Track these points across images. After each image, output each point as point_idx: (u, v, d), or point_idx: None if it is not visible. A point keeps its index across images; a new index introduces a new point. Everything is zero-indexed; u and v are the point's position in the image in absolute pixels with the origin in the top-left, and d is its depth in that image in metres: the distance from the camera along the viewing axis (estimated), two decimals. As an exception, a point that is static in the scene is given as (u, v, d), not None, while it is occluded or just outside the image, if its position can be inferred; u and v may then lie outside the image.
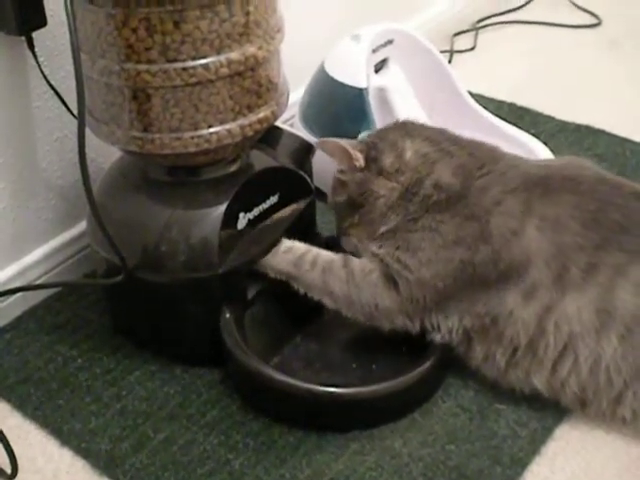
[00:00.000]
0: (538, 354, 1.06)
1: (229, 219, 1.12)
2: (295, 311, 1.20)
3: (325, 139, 1.22)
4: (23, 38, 1.16)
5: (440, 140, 1.19)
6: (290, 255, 1.16)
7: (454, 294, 1.09)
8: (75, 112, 1.00)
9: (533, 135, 1.51)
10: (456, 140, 1.20)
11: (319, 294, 1.14)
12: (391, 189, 1.16)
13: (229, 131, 1.06)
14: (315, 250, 1.17)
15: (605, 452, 1.06)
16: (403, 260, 1.10)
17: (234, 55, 1.02)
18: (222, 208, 1.11)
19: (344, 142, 1.19)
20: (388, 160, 1.16)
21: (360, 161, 1.18)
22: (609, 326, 1.03)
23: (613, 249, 1.05)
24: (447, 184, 1.13)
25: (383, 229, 1.15)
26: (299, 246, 1.17)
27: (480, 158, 1.16)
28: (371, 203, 1.17)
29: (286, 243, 1.17)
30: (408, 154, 1.16)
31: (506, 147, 1.25)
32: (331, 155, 1.21)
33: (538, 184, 1.11)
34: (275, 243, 1.17)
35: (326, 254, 1.16)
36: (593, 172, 1.16)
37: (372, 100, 1.40)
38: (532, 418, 1.10)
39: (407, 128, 1.22)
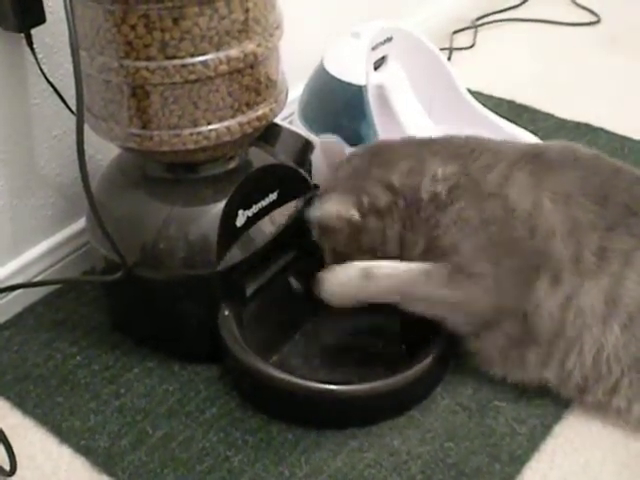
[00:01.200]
0: (555, 346, 1.06)
1: (228, 216, 1.12)
2: (294, 308, 1.20)
3: (319, 212, 1.17)
4: (22, 35, 1.16)
5: (416, 150, 1.17)
6: (385, 283, 1.10)
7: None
8: (74, 109, 1.00)
9: (532, 132, 1.51)
10: (432, 140, 1.19)
11: (427, 309, 1.10)
12: (391, 221, 1.14)
13: (228, 128, 1.06)
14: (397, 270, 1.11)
15: (604, 449, 1.06)
16: (468, 265, 1.07)
17: (233, 52, 1.02)
18: (221, 205, 1.11)
19: (336, 210, 1.14)
20: (382, 201, 1.14)
21: (356, 215, 1.14)
22: (613, 315, 1.03)
23: (622, 232, 1.05)
24: (444, 174, 1.12)
25: (418, 250, 1.12)
26: (383, 270, 1.11)
27: (466, 144, 1.15)
28: (380, 240, 1.14)
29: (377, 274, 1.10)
30: (394, 179, 1.14)
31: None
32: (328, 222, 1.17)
33: (537, 158, 1.10)
34: (277, 240, 1.16)
35: (405, 270, 1.10)
36: (588, 151, 1.15)
37: (371, 98, 1.40)
38: (531, 415, 1.10)
39: (383, 157, 1.18)
